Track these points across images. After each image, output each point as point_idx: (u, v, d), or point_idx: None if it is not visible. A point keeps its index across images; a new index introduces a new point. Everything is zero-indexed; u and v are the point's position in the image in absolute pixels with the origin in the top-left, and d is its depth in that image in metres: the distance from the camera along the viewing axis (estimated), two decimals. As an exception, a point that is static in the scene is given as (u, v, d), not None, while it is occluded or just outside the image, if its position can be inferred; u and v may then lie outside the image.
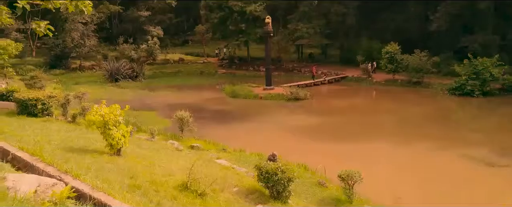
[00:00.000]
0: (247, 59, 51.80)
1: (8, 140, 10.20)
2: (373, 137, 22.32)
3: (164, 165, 11.68)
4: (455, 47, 43.28)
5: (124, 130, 11.35)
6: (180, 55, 54.44)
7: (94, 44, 49.03)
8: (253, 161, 16.40)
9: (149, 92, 36.92)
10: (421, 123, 25.86)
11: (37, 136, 12.69)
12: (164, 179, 9.41)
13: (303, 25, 45.05)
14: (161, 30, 49.86)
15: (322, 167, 16.14)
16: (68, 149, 10.98)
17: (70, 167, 7.33)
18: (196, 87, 40.74)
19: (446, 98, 33.75)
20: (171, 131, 20.81)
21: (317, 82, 40.52)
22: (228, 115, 27.45)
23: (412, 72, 38.33)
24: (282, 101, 31.85)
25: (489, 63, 33.30)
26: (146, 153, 13.13)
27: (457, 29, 43.94)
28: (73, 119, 19.00)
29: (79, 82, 41.79)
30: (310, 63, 49.83)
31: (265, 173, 10.69)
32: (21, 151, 8.10)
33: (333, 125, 25.16)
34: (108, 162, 10.20)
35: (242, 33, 46.04)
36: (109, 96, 33.49)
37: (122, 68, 40.85)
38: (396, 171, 16.96)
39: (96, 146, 12.33)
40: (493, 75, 33.09)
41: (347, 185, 12.82)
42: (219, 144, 18.82)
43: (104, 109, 11.05)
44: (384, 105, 32.22)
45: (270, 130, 23.83)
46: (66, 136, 13.86)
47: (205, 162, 13.72)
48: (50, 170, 6.98)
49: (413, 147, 20.50)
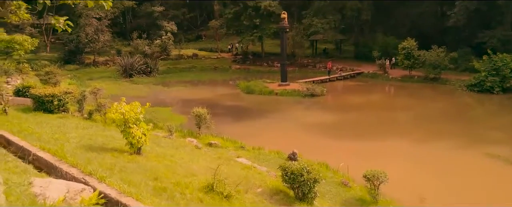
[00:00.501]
0: (261, 55, 51.33)
1: (28, 139, 10.01)
2: (392, 134, 21.86)
3: (185, 164, 11.41)
4: (473, 42, 42.27)
5: (144, 128, 11.07)
6: (194, 51, 54.21)
7: (108, 39, 49.05)
8: (272, 159, 16.16)
9: (163, 87, 36.77)
10: (440, 120, 25.23)
11: (55, 134, 12.53)
12: (187, 180, 9.11)
13: (318, 20, 44.36)
14: (175, 25, 49.62)
15: (343, 166, 15.76)
16: (87, 148, 10.76)
17: (93, 169, 7.05)
18: (210, 83, 40.50)
19: (465, 95, 32.99)
20: (187, 128, 20.59)
21: (332, 78, 39.92)
22: (244, 112, 27.13)
23: (429, 68, 37.50)
24: (298, 97, 31.39)
25: (509, 59, 32.48)
26: (165, 151, 12.86)
27: (474, 24, 42.89)
28: (89, 116, 18.88)
29: (93, 77, 41.87)
30: (325, 59, 49.20)
31: (291, 174, 10.35)
32: (43, 151, 7.85)
33: (350, 122, 24.70)
34: (129, 161, 9.95)
35: (256, 28, 45.52)
36: (123, 92, 33.43)
37: (136, 64, 40.75)
38: (418, 170, 16.47)
39: (115, 144, 12.10)
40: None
41: (372, 186, 12.43)
42: (237, 142, 18.51)
43: (124, 107, 10.77)
44: (401, 102, 31.61)
45: (287, 127, 23.45)
46: (84, 133, 13.68)
47: (226, 161, 13.42)
48: (73, 172, 6.71)
49: (433, 145, 19.98)
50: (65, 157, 7.53)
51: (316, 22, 44.18)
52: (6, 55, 34.09)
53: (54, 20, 9.33)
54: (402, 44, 39.16)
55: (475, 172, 16.34)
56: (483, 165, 17.10)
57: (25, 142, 8.65)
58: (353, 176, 14.88)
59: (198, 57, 52.37)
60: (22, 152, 8.19)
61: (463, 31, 44.07)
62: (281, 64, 35.30)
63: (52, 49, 51.56)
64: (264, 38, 48.37)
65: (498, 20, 41.97)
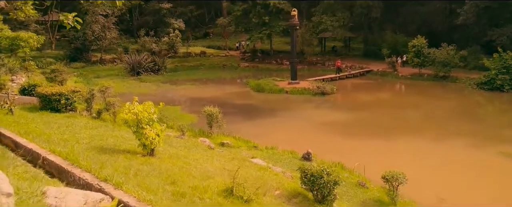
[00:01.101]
0: (270, 52, 50.80)
1: (36, 141, 9.64)
2: (405, 133, 21.46)
3: (200, 165, 11.00)
4: (482, 40, 41.76)
5: (158, 129, 10.67)
6: (202, 48, 53.79)
7: (115, 36, 48.70)
8: (286, 160, 15.76)
9: (171, 86, 36.39)
10: (452, 118, 24.81)
11: (64, 134, 12.21)
12: (205, 183, 8.70)
13: (327, 18, 43.75)
14: (182, 22, 49.16)
15: (359, 166, 15.33)
16: (99, 149, 10.39)
17: (109, 174, 6.63)
18: (219, 81, 40.09)
19: (475, 93, 32.48)
20: (198, 127, 20.20)
21: (342, 76, 39.42)
22: (255, 110, 26.69)
23: (439, 66, 36.91)
24: (309, 96, 30.90)
25: None
26: (178, 152, 12.46)
27: (483, 22, 42.27)
28: (98, 115, 18.51)
29: (100, 75, 41.57)
30: (333, 57, 48.62)
31: (310, 176, 9.89)
32: (53, 155, 7.46)
33: (362, 121, 24.22)
34: (143, 163, 9.56)
35: (265, 26, 44.98)
36: (131, 90, 33.17)
37: (143, 61, 40.39)
38: (434, 170, 16.03)
39: (127, 146, 11.74)
40: None
41: (391, 187, 11.98)
42: (249, 141, 18.11)
43: (137, 107, 10.36)
44: (412, 100, 31.07)
45: (299, 126, 23.01)
46: (93, 133, 13.34)
47: (240, 161, 13.00)
48: (87, 178, 6.30)
49: (447, 144, 19.58)
50: (78, 161, 7.14)
51: (326, 20, 43.59)
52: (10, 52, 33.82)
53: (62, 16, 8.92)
54: (412, 42, 38.64)
55: (492, 171, 15.96)
56: (498, 164, 16.74)
57: (33, 144, 8.28)
58: (369, 176, 14.53)
59: (206, 55, 51.94)
60: (31, 155, 7.82)
61: (472, 29, 43.51)
62: (291, 62, 34.79)
63: (57, 46, 51.22)
64: (273, 35, 47.82)
65: (508, 18, 41.30)
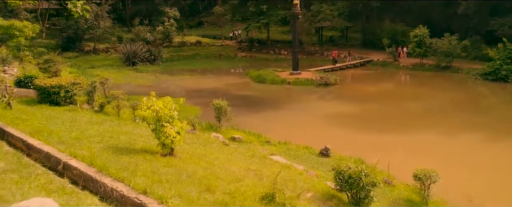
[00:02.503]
0: (267, 42, 49.78)
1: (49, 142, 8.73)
2: (418, 126, 20.91)
3: (222, 165, 10.24)
4: (482, 30, 41.27)
5: (179, 127, 9.84)
6: (197, 38, 52.54)
7: (109, 25, 47.24)
8: (303, 156, 15.12)
9: (169, 76, 35.33)
10: (461, 111, 24.40)
11: (71, 132, 11.34)
12: (237, 187, 7.97)
13: (326, 7, 42.82)
14: (177, 11, 47.79)
15: (378, 162, 14.70)
16: (115, 149, 9.55)
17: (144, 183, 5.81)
18: (218, 71, 39.11)
19: (479, 84, 32.11)
20: (203, 120, 19.35)
21: (343, 66, 38.70)
22: (259, 102, 25.89)
23: (441, 57, 36.41)
24: (312, 87, 30.18)
25: None
26: (195, 150, 11.67)
27: (484, 12, 41.77)
28: (100, 108, 17.55)
29: (94, 65, 40.23)
30: (332, 47, 47.85)
31: (348, 178, 9.16)
32: (75, 160, 6.62)
33: (371, 113, 23.62)
34: (166, 165, 8.78)
35: (263, 15, 43.86)
36: (128, 80, 32.12)
37: (139, 51, 39.13)
38: (456, 166, 15.44)
39: (142, 144, 10.95)
40: None
41: (422, 186, 11.37)
42: (261, 136, 17.41)
43: (157, 103, 9.50)
44: (417, 91, 30.56)
45: (307, 118, 22.32)
46: (101, 129, 12.44)
47: (261, 159, 12.28)
48: (121, 189, 5.49)
49: (463, 138, 19.11)
50: (106, 167, 6.29)
51: (325, 9, 42.64)
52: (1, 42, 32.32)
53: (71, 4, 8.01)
54: (414, 32, 37.99)
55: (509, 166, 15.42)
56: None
57: (49, 147, 7.41)
58: (393, 173, 13.92)
59: (201, 44, 50.75)
60: (48, 159, 6.92)
61: (472, 18, 42.93)
62: (293, 52, 33.91)
63: (48, 35, 49.48)
64: (271, 25, 46.80)
65: (508, 7, 40.84)
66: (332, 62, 38.79)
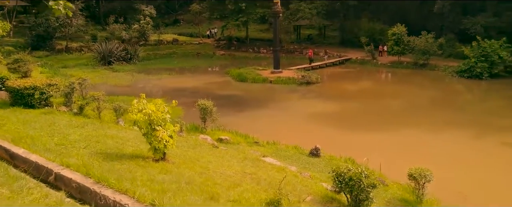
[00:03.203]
0: (246, 40, 49.35)
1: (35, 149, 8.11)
2: (401, 124, 21.09)
3: (218, 170, 9.84)
4: (456, 29, 42.30)
5: (171, 130, 9.38)
6: (174, 36, 51.55)
7: (82, 23, 45.67)
8: (294, 156, 14.90)
9: (147, 75, 34.43)
10: (442, 108, 24.77)
11: (53, 137, 10.73)
12: (242, 194, 7.68)
13: (305, 5, 42.77)
14: (153, 9, 46.70)
15: (367, 161, 14.62)
16: (104, 156, 9.01)
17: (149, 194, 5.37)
18: (197, 70, 38.48)
19: (455, 81, 32.79)
20: (186, 121, 18.81)
21: (322, 64, 38.75)
22: (242, 102, 25.52)
23: (418, 54, 37.04)
24: (294, 85, 30.04)
25: (497, 45, 32.53)
26: (186, 153, 11.24)
27: (457, 11, 42.86)
28: (80, 111, 16.75)
29: (67, 65, 38.77)
30: (310, 45, 47.93)
31: (349, 180, 8.94)
32: (69, 170, 6.08)
33: (356, 112, 23.69)
34: (161, 172, 8.35)
35: (242, 13, 43.37)
36: (105, 80, 31.13)
37: (115, 50, 37.96)
38: (445, 164, 15.47)
39: (131, 148, 10.46)
40: (501, 57, 32.23)
41: (417, 185, 11.31)
42: (248, 137, 17.10)
43: (150, 107, 9.01)
44: (397, 89, 30.96)
45: (292, 117, 22.16)
46: (85, 133, 11.82)
47: (254, 161, 11.94)
48: (126, 201, 5.06)
49: (448, 135, 19.28)
50: (105, 178, 5.79)
51: (304, 7, 42.59)
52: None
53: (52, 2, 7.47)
54: (392, 30, 38.49)
55: (503, 164, 15.64)
56: (506, 156, 16.46)
57: (36, 155, 6.82)
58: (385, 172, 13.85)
59: (178, 42, 49.83)
60: (37, 170, 6.36)
61: (447, 17, 43.93)
62: (274, 51, 33.66)
63: (16, 33, 47.27)
64: (249, 23, 46.40)
65: (478, 7, 42.05)
66: (308, 61, 38.53)
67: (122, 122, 15.64)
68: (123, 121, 15.82)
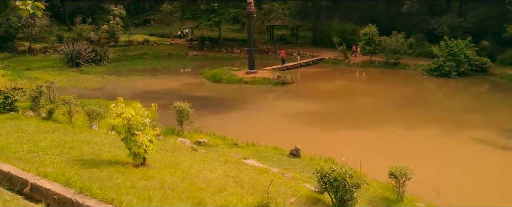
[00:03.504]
0: (219, 41, 48.90)
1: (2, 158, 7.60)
2: (377, 122, 21.31)
3: (200, 174, 9.55)
4: (423, 29, 43.51)
5: (151, 134, 9.04)
6: (144, 36, 50.49)
7: (46, 24, 43.95)
8: (274, 157, 14.74)
9: (119, 77, 33.49)
10: (416, 105, 25.31)
11: (22, 144, 10.20)
12: (228, 198, 7.45)
13: (278, 6, 42.80)
14: (123, 9, 45.52)
15: (346, 160, 14.68)
16: (79, 163, 8.57)
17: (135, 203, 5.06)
18: (169, 71, 37.79)
19: (426, 79, 33.58)
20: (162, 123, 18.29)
21: (297, 64, 38.88)
22: (218, 103, 25.19)
23: (389, 54, 37.80)
24: (269, 86, 29.97)
25: (463, 44, 33.56)
26: (166, 158, 10.85)
27: (424, 11, 44.11)
28: (49, 115, 15.95)
29: (31, 67, 37.20)
30: (283, 45, 48.06)
31: (334, 181, 8.86)
32: (47, 181, 5.67)
33: (332, 111, 23.86)
34: (142, 178, 8.02)
35: (214, 13, 42.92)
36: (74, 83, 30.08)
37: (83, 51, 36.70)
38: (420, 160, 15.56)
39: (108, 154, 10.00)
40: (467, 56, 33.29)
41: (397, 183, 11.39)
42: (227, 138, 16.84)
43: (129, 111, 8.64)
44: (371, 88, 31.45)
45: (270, 118, 22.03)
46: (57, 139, 11.28)
47: (235, 164, 11.68)
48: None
49: (422, 132, 19.72)
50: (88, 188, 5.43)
51: (277, 7, 42.61)
52: None
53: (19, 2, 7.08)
54: (364, 30, 39.08)
55: (473, 159, 16.12)
56: (477, 151, 16.96)
57: (8, 165, 6.33)
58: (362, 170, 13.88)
59: (149, 43, 48.83)
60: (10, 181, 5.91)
61: (415, 17, 45.10)
62: (249, 51, 33.43)
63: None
64: (222, 23, 46.02)
65: (444, 8, 43.42)
66: (281, 62, 38.30)
67: (95, 127, 15.05)
68: (97, 126, 15.23)
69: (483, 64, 33.47)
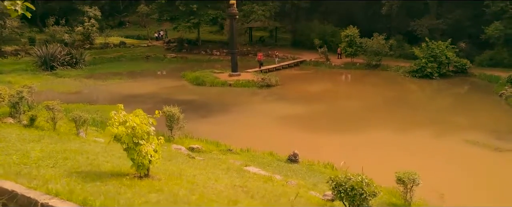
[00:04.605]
0: (198, 42, 48.06)
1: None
2: (369, 124, 21.26)
3: (207, 185, 9.04)
4: (403, 31, 44.03)
5: (156, 143, 8.44)
6: (121, 38, 49.06)
7: (17, 25, 41.98)
8: (273, 163, 14.39)
9: (97, 81, 32.23)
10: (402, 107, 25.52)
11: (10, 155, 9.37)
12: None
13: (258, 7, 42.41)
14: (98, 10, 44.02)
15: (345, 165, 14.41)
16: (80, 175, 7.89)
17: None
18: (149, 74, 36.74)
19: (409, 81, 33.57)
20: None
21: (278, 66, 38.57)
22: (204, 106, 24.53)
23: (371, 55, 38.01)
24: (254, 88, 29.53)
25: (444, 46, 34.05)
26: (168, 167, 10.25)
27: (403, 13, 44.72)
28: (30, 122, 14.97)
29: (2, 70, 35.32)
30: (262, 47, 47.72)
31: (351, 190, 8.51)
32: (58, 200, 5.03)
33: (320, 114, 23.63)
34: (151, 191, 7.46)
35: (193, 15, 42.09)
36: (51, 87, 28.76)
37: (58, 54, 35.16)
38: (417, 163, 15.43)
39: (107, 165, 9.36)
40: (448, 57, 33.85)
41: (405, 189, 11.16)
42: (220, 144, 16.32)
43: (134, 119, 8.02)
44: (357, 90, 31.44)
45: (259, 121, 21.63)
46: (47, 150, 10.49)
47: (239, 172, 11.21)
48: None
49: (413, 135, 19.78)
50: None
51: (257, 9, 42.24)
52: None
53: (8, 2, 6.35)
54: (345, 32, 39.17)
55: (471, 161, 16.18)
56: (472, 153, 17.06)
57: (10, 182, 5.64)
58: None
59: (126, 45, 47.45)
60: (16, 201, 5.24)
61: (394, 19, 45.66)
62: (231, 53, 32.88)
63: None
64: (202, 25, 45.22)
65: (422, 9, 44.17)
66: (258, 65, 37.52)
67: (83, 134, 14.21)
68: (84, 133, 14.39)
69: (463, 66, 34.08)
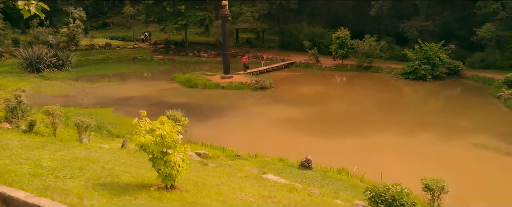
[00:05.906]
0: (185, 44, 47.26)
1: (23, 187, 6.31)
2: (369, 127, 21.04)
3: (234, 195, 8.72)
4: (392, 32, 44.19)
5: (183, 153, 8.00)
6: (106, 40, 47.85)
7: (0, 27, 40.42)
8: (287, 170, 14.00)
9: (86, 83, 31.23)
10: (401, 109, 25.45)
11: (21, 164, 8.80)
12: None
13: (247, 8, 41.96)
14: (83, 11, 42.78)
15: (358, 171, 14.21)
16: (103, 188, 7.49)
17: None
18: (137, 76, 35.84)
19: (403, 83, 33.33)
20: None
21: (269, 68, 38.23)
22: (200, 110, 23.98)
23: (362, 57, 38.00)
24: (248, 91, 29.08)
25: (437, 47, 34.17)
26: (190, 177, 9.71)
27: (393, 14, 44.97)
28: (29, 128, 14.23)
29: (-14, 73, 33.88)
30: (250, 48, 47.32)
31: (393, 201, 8.22)
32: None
33: (319, 117, 23.42)
34: (183, 204, 7.30)
35: (181, 16, 41.31)
36: (39, 90, 27.70)
37: (44, 56, 33.96)
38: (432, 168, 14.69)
39: (127, 175, 8.77)
40: (441, 59, 34.06)
41: (433, 197, 10.86)
42: (226, 149, 15.88)
43: (164, 128, 7.55)
44: (352, 92, 31.37)
45: (259, 125, 21.27)
46: (57, 158, 9.94)
47: (258, 181, 10.83)
48: None
49: (419, 138, 19.65)
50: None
51: (246, 10, 41.80)
52: None
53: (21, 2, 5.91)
54: (336, 34, 39.10)
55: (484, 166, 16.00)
56: (484, 157, 16.87)
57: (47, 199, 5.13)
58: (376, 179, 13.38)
59: (112, 47, 46.29)
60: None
61: (383, 21, 45.77)
62: (224, 55, 32.37)
63: None
64: (190, 26, 44.46)
65: (411, 11, 44.51)
66: (243, 68, 36.78)
67: (86, 140, 13.55)
68: (87, 139, 13.74)
69: (456, 67, 34.38)
